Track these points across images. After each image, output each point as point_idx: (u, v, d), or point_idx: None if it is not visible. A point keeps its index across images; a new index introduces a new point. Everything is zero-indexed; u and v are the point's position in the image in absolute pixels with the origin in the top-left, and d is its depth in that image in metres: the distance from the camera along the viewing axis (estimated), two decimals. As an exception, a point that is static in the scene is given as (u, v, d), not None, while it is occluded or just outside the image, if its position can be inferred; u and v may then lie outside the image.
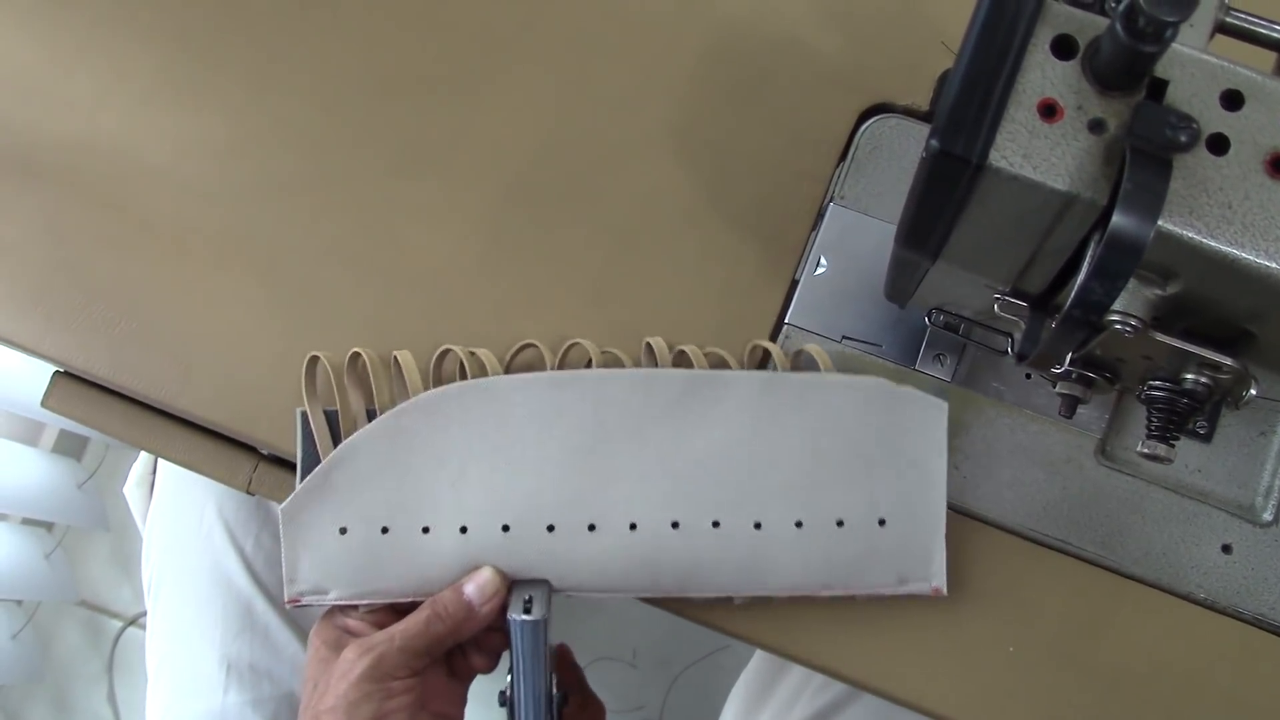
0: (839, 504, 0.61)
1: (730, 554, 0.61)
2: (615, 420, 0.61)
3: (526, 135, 0.69)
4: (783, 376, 0.62)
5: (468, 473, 0.61)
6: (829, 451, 0.61)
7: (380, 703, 0.57)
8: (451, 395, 0.61)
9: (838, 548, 0.60)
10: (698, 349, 0.63)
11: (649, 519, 0.60)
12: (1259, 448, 0.64)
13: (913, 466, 0.61)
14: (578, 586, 0.61)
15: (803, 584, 0.61)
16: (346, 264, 0.67)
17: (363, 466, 0.61)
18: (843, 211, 0.67)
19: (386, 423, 0.61)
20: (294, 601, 0.61)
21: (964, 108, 0.42)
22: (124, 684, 1.55)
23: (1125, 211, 0.39)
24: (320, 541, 0.61)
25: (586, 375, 0.62)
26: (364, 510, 0.61)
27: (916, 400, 0.61)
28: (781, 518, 0.61)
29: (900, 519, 0.61)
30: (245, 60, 0.70)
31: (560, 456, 0.61)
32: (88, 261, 0.67)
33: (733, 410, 0.61)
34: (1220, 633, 0.62)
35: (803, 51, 0.69)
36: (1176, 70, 0.42)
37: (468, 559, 0.60)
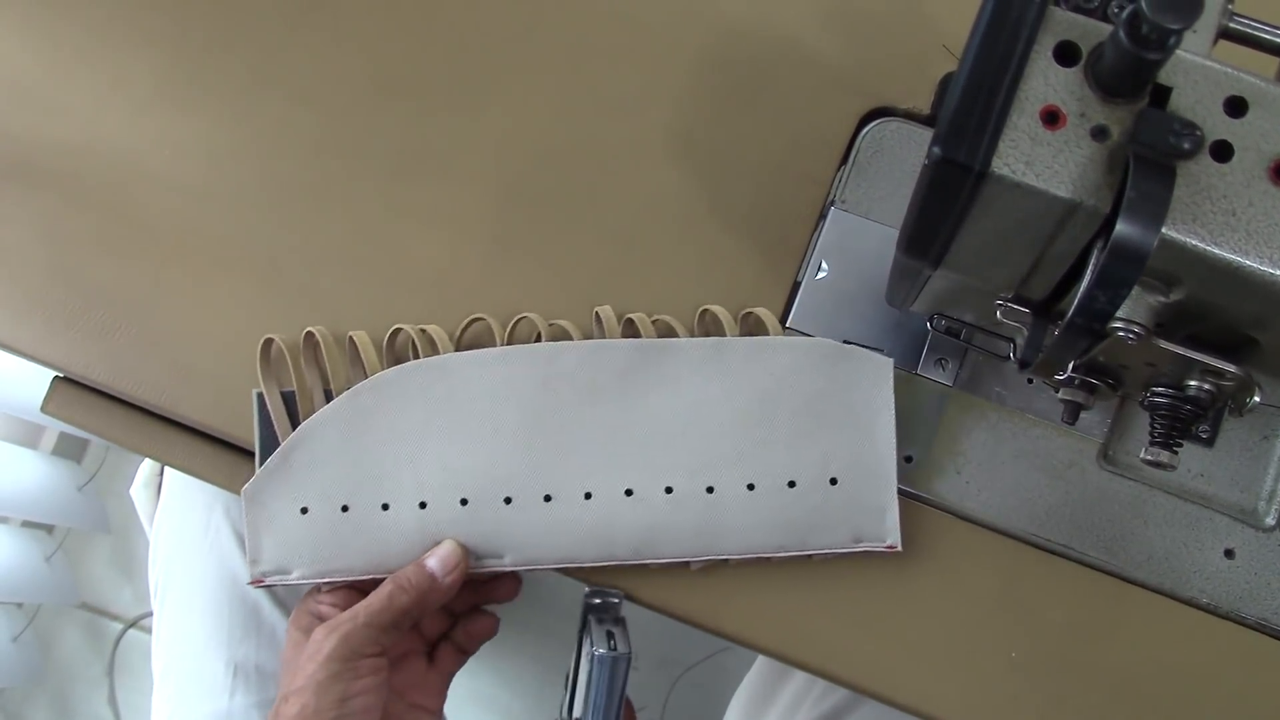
0: (790, 465, 0.61)
1: (684, 519, 0.61)
2: (566, 392, 0.62)
3: (527, 139, 0.69)
4: (729, 341, 0.63)
5: (425, 449, 0.62)
6: (777, 413, 0.62)
7: (349, 682, 0.57)
8: (407, 374, 0.62)
9: (790, 508, 0.61)
10: (645, 317, 0.64)
11: (603, 488, 0.61)
12: (1262, 452, 0.64)
13: (861, 424, 0.62)
14: (537, 559, 0.62)
15: (757, 546, 0.61)
16: (347, 268, 0.67)
17: (321, 447, 0.62)
18: (844, 215, 0.67)
19: (343, 403, 0.62)
20: (258, 582, 0.62)
21: (966, 115, 0.42)
22: (125, 686, 1.55)
23: (1129, 219, 0.39)
24: (282, 522, 0.62)
25: (537, 349, 0.63)
26: (324, 489, 0.62)
27: (862, 358, 0.62)
28: (733, 481, 0.61)
29: (851, 477, 0.61)
30: (244, 64, 0.70)
31: (514, 430, 0.62)
32: (87, 267, 0.67)
33: (682, 377, 0.62)
34: (1223, 638, 0.62)
35: (804, 55, 0.69)
36: (1180, 77, 0.42)
37: (428, 534, 0.61)
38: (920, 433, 0.64)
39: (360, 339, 0.64)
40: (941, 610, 0.63)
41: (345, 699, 0.57)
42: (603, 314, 0.64)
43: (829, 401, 0.62)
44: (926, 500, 0.64)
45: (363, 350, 0.64)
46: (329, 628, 0.58)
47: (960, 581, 0.63)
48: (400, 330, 0.65)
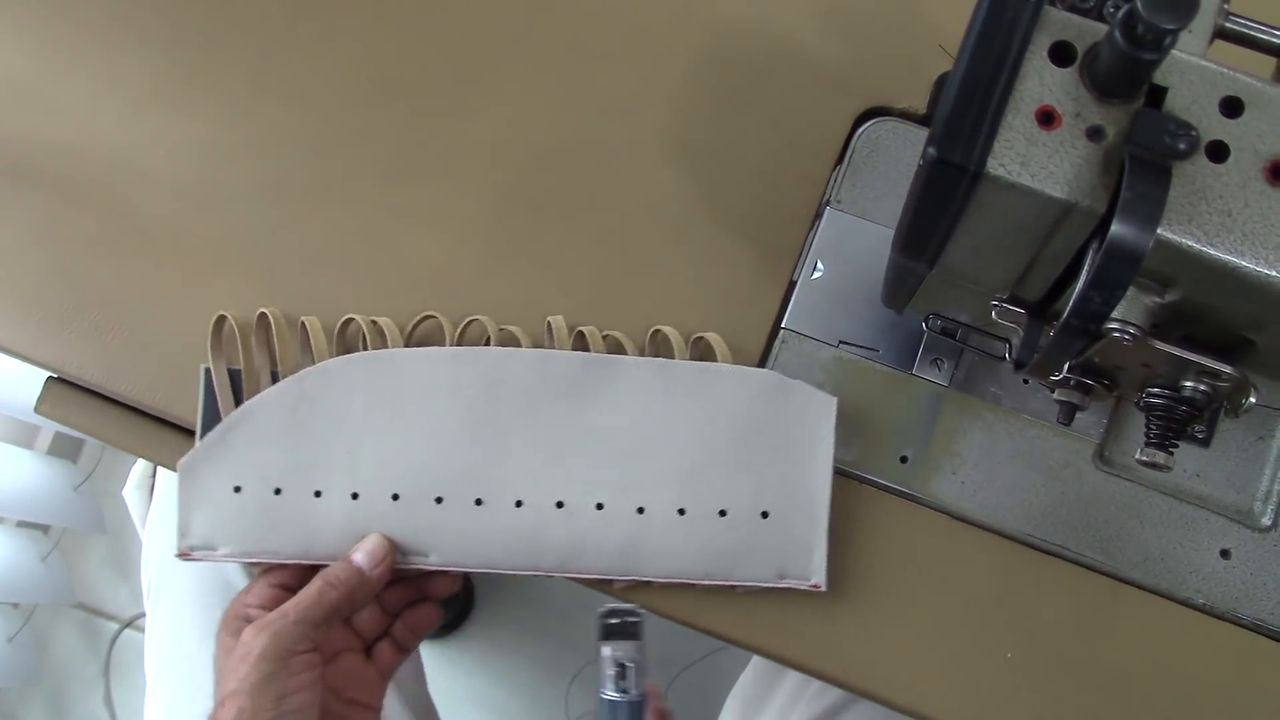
0: (723, 494, 0.61)
1: (612, 537, 0.61)
2: (509, 398, 0.62)
3: (523, 140, 0.69)
4: (675, 364, 0.63)
5: (363, 441, 0.62)
6: (716, 441, 0.62)
7: (283, 680, 0.56)
8: (353, 364, 0.62)
9: (719, 537, 0.61)
10: (596, 330, 0.64)
11: (535, 497, 0.61)
12: (1258, 452, 0.64)
13: (798, 460, 0.61)
14: (462, 562, 0.62)
15: (682, 571, 0.61)
16: (343, 269, 0.67)
17: (261, 428, 0.62)
18: (840, 215, 0.67)
19: (288, 386, 0.62)
20: (184, 555, 0.62)
21: (961, 115, 0.41)
22: (121, 686, 1.55)
23: (1124, 220, 0.39)
24: (215, 498, 0.62)
25: (484, 353, 0.63)
26: (259, 470, 0.62)
27: (807, 394, 0.62)
28: (665, 504, 0.61)
29: (783, 512, 0.61)
30: (240, 65, 0.70)
31: (453, 431, 0.62)
32: (81, 267, 0.67)
33: (625, 395, 0.62)
34: (1219, 638, 0.62)
35: (799, 55, 0.69)
36: (1175, 77, 0.42)
37: (357, 525, 0.61)
38: (916, 433, 0.64)
39: (311, 324, 0.64)
40: (937, 610, 0.63)
41: (282, 697, 0.56)
42: (554, 324, 0.64)
43: (768, 434, 0.62)
44: (922, 501, 0.64)
45: (313, 336, 0.64)
46: (258, 627, 0.57)
47: (956, 582, 0.63)
48: (352, 320, 0.65)
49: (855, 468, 0.64)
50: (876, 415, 0.65)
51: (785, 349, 0.65)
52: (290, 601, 0.59)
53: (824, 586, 0.61)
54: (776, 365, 0.65)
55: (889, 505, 0.64)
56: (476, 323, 0.65)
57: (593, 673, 0.75)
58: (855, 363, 0.65)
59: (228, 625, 0.60)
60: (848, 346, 0.65)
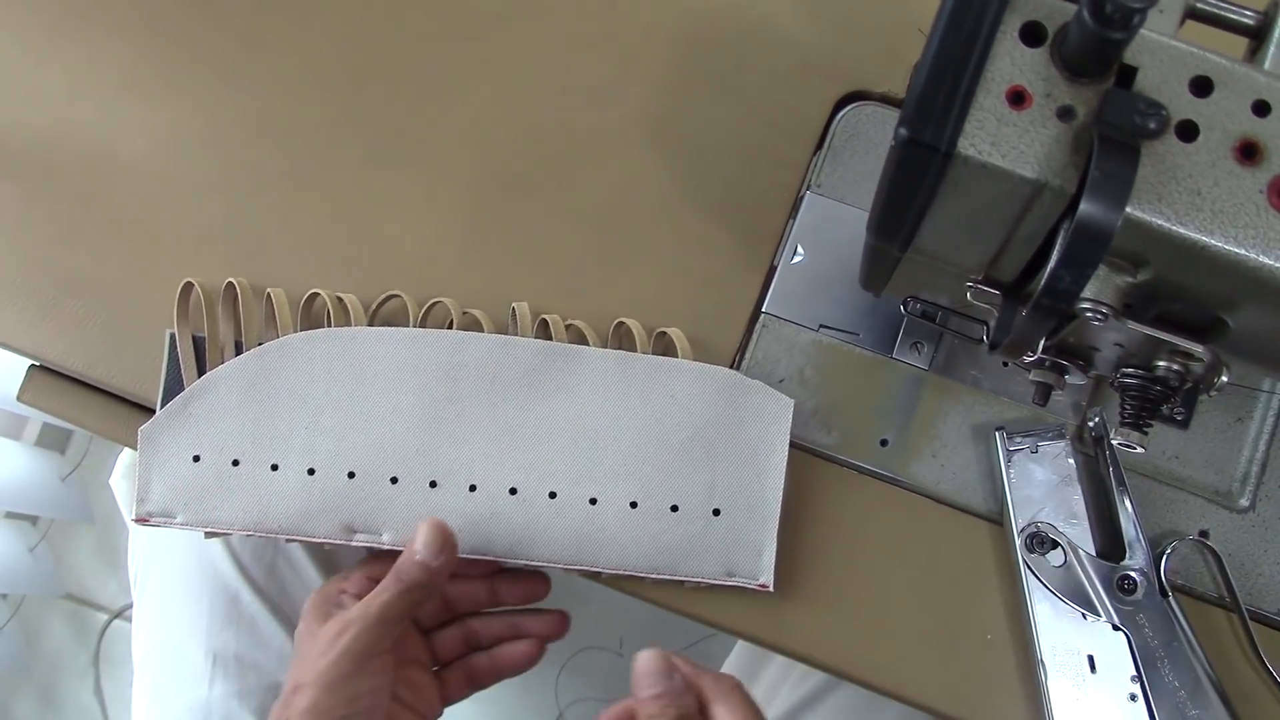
0: (676, 489, 0.62)
1: (563, 526, 0.62)
2: (468, 383, 0.62)
3: (503, 124, 0.69)
4: (636, 357, 0.63)
5: (322, 418, 0.62)
6: (671, 436, 0.62)
7: (360, 682, 0.57)
8: (315, 340, 0.63)
9: (669, 532, 0.61)
10: (559, 319, 0.64)
11: (489, 482, 0.62)
12: (1236, 434, 0.64)
13: (752, 461, 0.62)
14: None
15: (631, 564, 0.62)
16: (322, 255, 0.67)
17: (223, 398, 0.63)
18: (819, 200, 0.67)
19: (250, 359, 0.63)
20: (142, 520, 0.63)
21: (932, 95, 0.42)
22: (110, 677, 1.55)
23: (1093, 199, 0.39)
24: (174, 467, 0.63)
25: (446, 336, 0.63)
26: (218, 441, 0.62)
27: (764, 394, 0.62)
28: (617, 496, 0.62)
29: (735, 511, 0.62)
30: (219, 50, 0.70)
31: (411, 412, 0.62)
32: (61, 254, 0.67)
33: (583, 385, 0.62)
34: (1195, 618, 0.62)
35: (779, 39, 0.69)
36: (1145, 57, 0.42)
37: (311, 501, 0.62)
38: (896, 417, 0.64)
39: (277, 296, 0.65)
40: (918, 593, 0.63)
41: (355, 698, 0.57)
42: (518, 310, 0.65)
43: (724, 433, 0.62)
44: (903, 483, 0.64)
45: (278, 309, 0.64)
46: (342, 623, 0.58)
47: (936, 564, 0.63)
48: (317, 295, 0.65)
49: (836, 451, 0.64)
50: (857, 399, 0.65)
51: (765, 333, 0.65)
52: (370, 596, 0.59)
53: (771, 587, 0.61)
54: (757, 349, 0.65)
55: (869, 488, 0.64)
56: (440, 305, 0.65)
57: (582, 660, 0.75)
58: (835, 347, 0.65)
59: (318, 609, 0.61)
60: (828, 330, 0.65)
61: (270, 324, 0.65)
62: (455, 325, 0.64)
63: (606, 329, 0.65)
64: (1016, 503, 0.61)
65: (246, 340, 0.65)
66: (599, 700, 1.43)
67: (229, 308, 0.65)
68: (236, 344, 0.65)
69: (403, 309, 0.65)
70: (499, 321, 0.65)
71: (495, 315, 0.65)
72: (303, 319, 0.65)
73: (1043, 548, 0.61)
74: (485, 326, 0.64)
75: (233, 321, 0.65)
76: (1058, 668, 0.59)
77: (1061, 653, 0.59)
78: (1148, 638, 0.59)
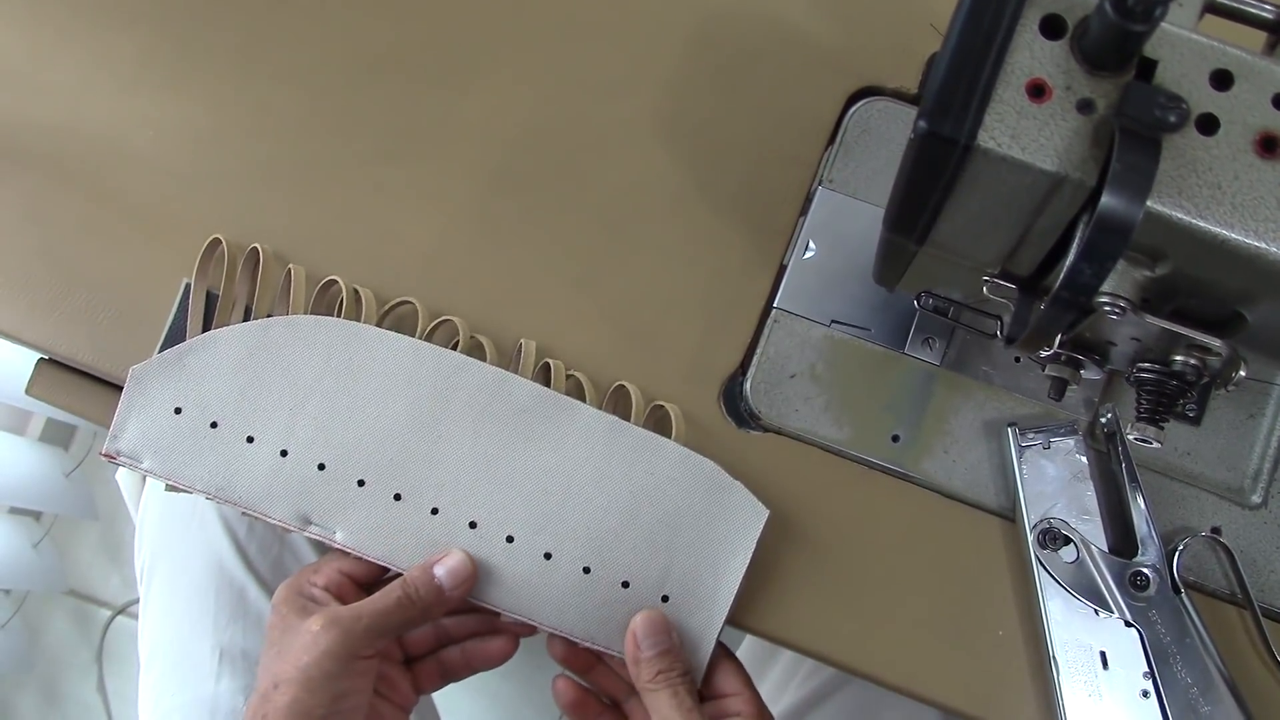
0: (630, 566, 0.61)
1: (513, 573, 0.61)
2: (458, 408, 0.62)
3: (513, 121, 0.68)
4: (628, 428, 0.62)
5: (309, 404, 0.62)
6: (642, 514, 0.61)
7: (344, 681, 0.57)
8: (321, 326, 0.63)
9: (614, 606, 0.61)
10: (561, 366, 0.64)
11: (452, 510, 0.62)
12: (1248, 430, 0.64)
13: (712, 559, 0.61)
14: (362, 547, 0.62)
15: (568, 627, 0.61)
16: (330, 248, 0.67)
17: (219, 359, 0.63)
18: (831, 195, 0.67)
19: (254, 328, 0.63)
20: (109, 456, 0.63)
21: (952, 88, 0.41)
22: (113, 673, 1.55)
23: (1114, 192, 0.39)
24: (153, 413, 0.63)
25: (448, 356, 0.63)
26: (203, 399, 0.62)
27: (741, 498, 0.62)
28: (572, 557, 0.61)
29: (682, 602, 0.61)
30: (228, 45, 0.69)
31: (395, 422, 0.62)
32: (70, 248, 0.67)
33: (568, 440, 0.62)
34: (1209, 615, 0.62)
35: (790, 34, 0.69)
36: (1166, 50, 0.42)
37: (276, 482, 0.62)
38: (907, 412, 0.64)
39: (297, 273, 0.65)
40: (929, 589, 0.63)
41: (339, 697, 0.56)
42: (525, 346, 0.64)
43: (693, 524, 0.61)
44: (914, 479, 0.64)
45: (294, 286, 0.65)
46: (329, 621, 0.57)
47: (947, 560, 0.63)
48: (334, 282, 0.65)
49: (847, 447, 0.64)
50: (868, 394, 0.65)
51: (777, 328, 0.65)
52: (366, 605, 0.58)
53: (697, 685, 0.60)
54: (768, 345, 0.65)
55: (881, 484, 0.64)
56: (450, 322, 0.65)
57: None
58: (847, 342, 0.65)
59: (289, 600, 0.60)
60: (839, 326, 0.65)
61: (284, 298, 0.65)
62: (460, 346, 0.64)
63: (608, 384, 0.65)
64: (1029, 499, 0.61)
65: (257, 308, 0.65)
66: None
67: (249, 271, 0.65)
68: (246, 309, 0.65)
69: (412, 316, 0.65)
70: (504, 352, 0.65)
71: (501, 344, 0.65)
72: (316, 301, 0.65)
73: (1055, 544, 0.61)
74: (489, 354, 0.63)
75: (249, 285, 0.65)
76: (1070, 664, 0.59)
77: (1073, 649, 0.59)
78: (1160, 634, 0.59)
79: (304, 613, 0.59)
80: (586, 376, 0.64)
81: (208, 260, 0.65)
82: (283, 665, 0.57)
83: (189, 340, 0.63)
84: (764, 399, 0.64)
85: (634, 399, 0.63)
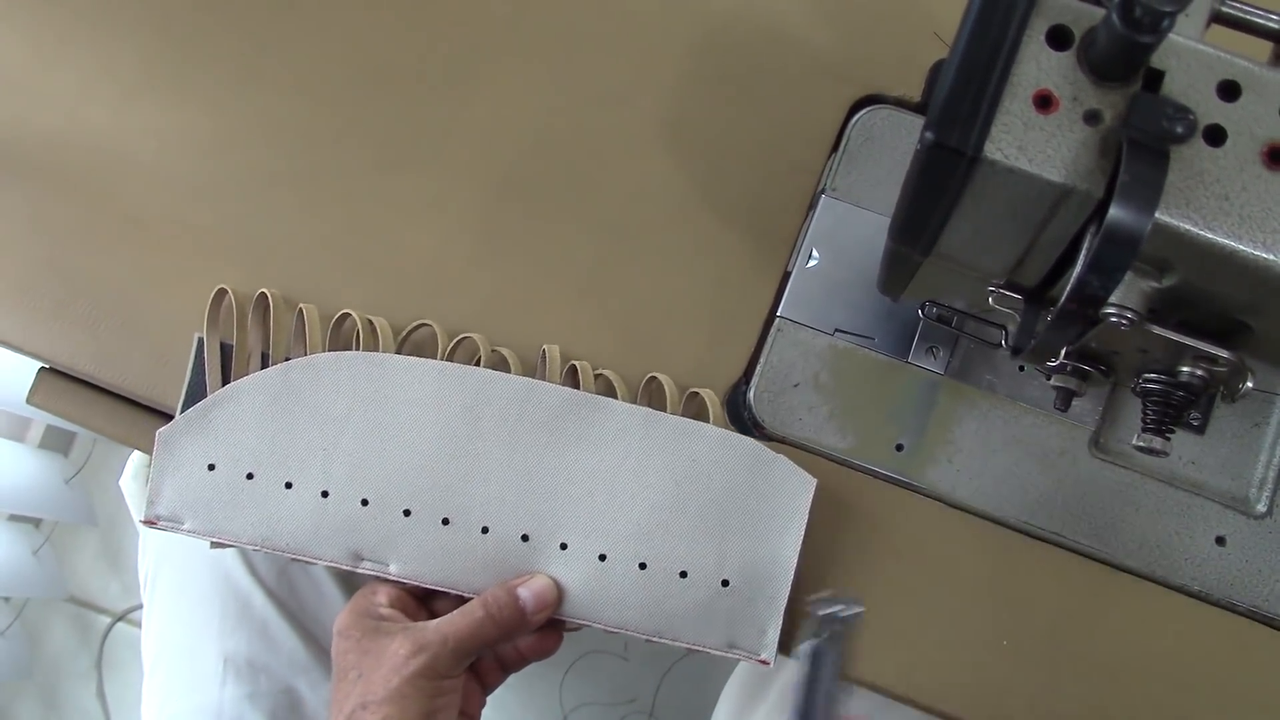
0: (686, 556, 0.61)
1: (571, 579, 0.61)
2: (491, 423, 0.62)
3: (516, 129, 0.68)
4: (662, 417, 0.62)
5: (341, 441, 0.62)
6: (688, 502, 0.61)
7: (433, 699, 0.57)
8: (343, 362, 0.62)
9: (675, 598, 0.61)
10: (589, 368, 0.64)
11: (501, 526, 0.61)
12: (1253, 439, 0.64)
13: (767, 536, 0.61)
14: (421, 576, 0.62)
15: (633, 625, 0.61)
16: (334, 259, 0.67)
17: (243, 410, 0.62)
18: (835, 203, 0.66)
19: (275, 374, 0.63)
20: (149, 523, 0.63)
21: (958, 99, 0.41)
22: (113, 680, 1.55)
23: (1122, 204, 0.39)
24: (187, 473, 0.62)
25: (472, 374, 0.62)
26: (235, 453, 0.62)
27: (786, 471, 0.61)
28: (627, 555, 0.61)
29: (744, 585, 0.61)
30: (231, 53, 0.69)
31: (431, 446, 0.62)
32: (71, 257, 0.67)
33: (605, 439, 0.62)
34: (1214, 625, 0.62)
35: (794, 42, 0.69)
36: (1173, 61, 0.42)
37: (322, 523, 0.62)
38: (911, 421, 0.64)
39: (309, 313, 0.64)
40: (933, 598, 0.63)
41: (430, 714, 0.57)
42: (549, 352, 0.64)
43: (742, 504, 0.61)
44: (918, 489, 0.64)
45: (308, 325, 0.64)
46: (414, 644, 0.57)
47: (951, 570, 0.63)
48: (348, 316, 0.65)
49: (851, 456, 0.64)
50: (872, 403, 0.64)
51: (780, 337, 0.65)
52: (449, 625, 0.59)
53: (771, 663, 0.61)
54: (772, 354, 0.65)
55: (884, 493, 0.64)
56: (470, 339, 0.64)
57: (584, 666, 0.75)
58: (851, 351, 0.65)
59: (358, 623, 0.60)
60: (843, 334, 0.65)
61: (299, 339, 0.65)
62: (483, 362, 0.63)
63: (637, 379, 0.64)
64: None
65: (274, 353, 0.64)
66: (603, 704, 1.43)
67: (259, 318, 0.65)
68: (263, 355, 0.64)
69: (432, 338, 0.65)
70: (528, 362, 0.65)
71: (525, 355, 0.64)
72: (332, 338, 0.65)
73: None
74: (513, 366, 0.63)
75: (261, 331, 0.65)
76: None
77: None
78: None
79: (379, 633, 0.59)
80: (616, 373, 0.64)
81: (216, 311, 0.65)
82: (369, 687, 0.57)
83: (211, 395, 0.63)
84: (767, 408, 0.64)
85: (668, 390, 0.63)
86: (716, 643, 0.61)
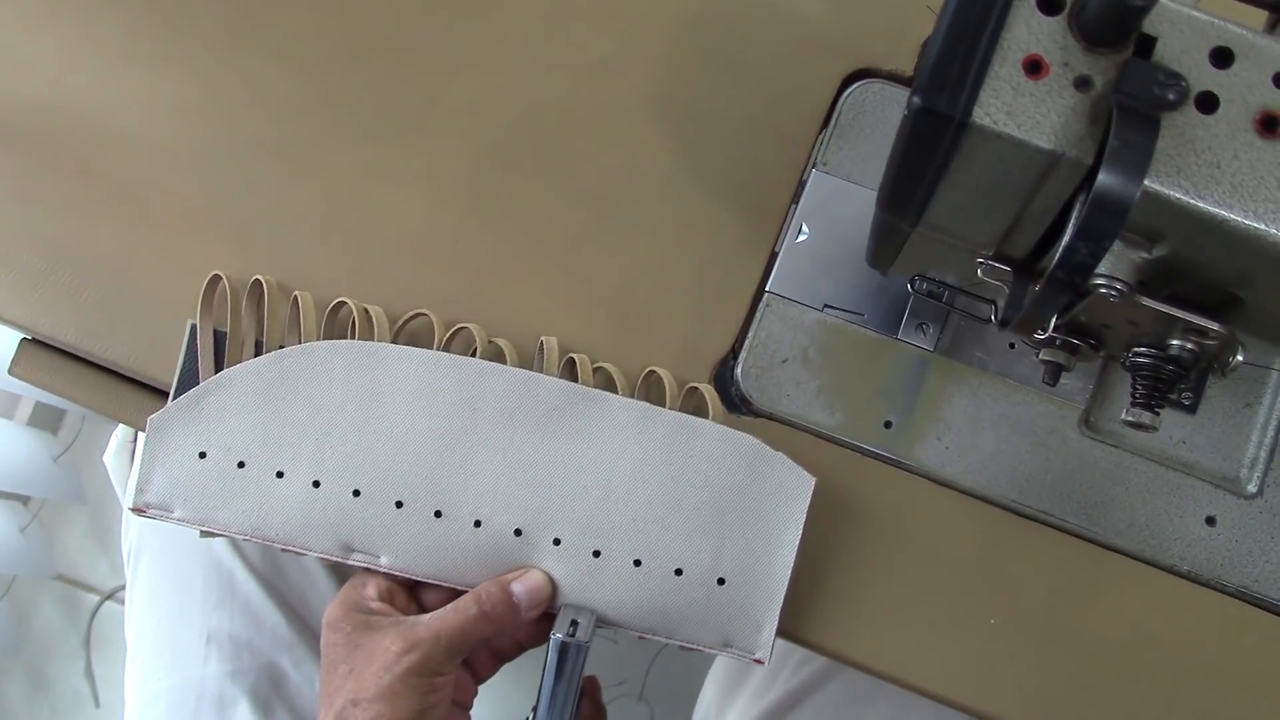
0: (682, 553, 0.60)
1: (564, 574, 0.61)
2: (485, 416, 0.61)
3: (504, 100, 0.68)
4: (661, 413, 0.61)
5: (334, 431, 0.61)
6: (685, 499, 0.60)
7: (426, 697, 0.57)
8: (338, 351, 0.62)
9: (670, 596, 0.60)
10: (587, 360, 0.63)
11: (494, 520, 0.61)
12: (1244, 419, 0.63)
13: (764, 535, 0.60)
14: (409, 568, 0.61)
15: (627, 621, 0.61)
16: (319, 230, 0.66)
17: (236, 398, 0.62)
18: (825, 178, 0.66)
19: (269, 361, 0.62)
20: (138, 510, 0.62)
21: (947, 64, 0.41)
22: (101, 658, 1.54)
23: (1111, 170, 0.38)
24: (178, 460, 0.62)
25: (469, 365, 0.61)
26: (226, 441, 0.61)
27: (785, 469, 0.61)
28: (622, 552, 0.60)
29: (739, 583, 0.60)
30: (216, 21, 0.69)
31: (425, 438, 0.61)
32: (54, 226, 0.66)
33: (602, 434, 0.61)
34: (1203, 605, 0.61)
35: (785, 15, 0.68)
36: (1165, 26, 0.41)
37: (312, 513, 0.61)
38: (900, 398, 0.64)
39: (304, 300, 0.64)
40: (920, 577, 0.62)
41: (422, 712, 0.57)
42: (546, 344, 0.63)
43: (739, 502, 0.61)
44: (906, 466, 0.63)
45: (303, 313, 0.63)
46: (406, 641, 0.57)
47: (939, 548, 0.62)
48: (344, 304, 0.64)
49: (839, 433, 0.63)
50: (861, 380, 0.64)
51: (769, 312, 0.64)
52: (442, 622, 0.58)
53: (767, 662, 0.60)
54: (760, 329, 0.64)
55: (872, 471, 0.63)
56: (466, 330, 0.63)
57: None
58: (840, 327, 0.64)
59: (348, 616, 0.60)
60: (832, 310, 0.65)
61: (293, 327, 0.64)
62: (479, 353, 0.63)
63: (634, 369, 0.64)
64: None
65: (268, 341, 0.63)
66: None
67: (253, 305, 0.64)
68: (256, 343, 0.64)
69: (428, 328, 0.64)
70: (525, 353, 0.64)
71: (521, 344, 0.64)
72: (326, 327, 0.64)
73: None
74: (510, 358, 0.62)
75: (255, 319, 0.64)
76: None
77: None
78: None
79: (370, 628, 0.58)
80: (615, 367, 0.63)
81: (209, 298, 0.64)
82: (361, 684, 0.56)
83: (203, 383, 0.62)
84: (755, 384, 0.64)
85: (666, 384, 0.62)
86: (711, 641, 0.61)
